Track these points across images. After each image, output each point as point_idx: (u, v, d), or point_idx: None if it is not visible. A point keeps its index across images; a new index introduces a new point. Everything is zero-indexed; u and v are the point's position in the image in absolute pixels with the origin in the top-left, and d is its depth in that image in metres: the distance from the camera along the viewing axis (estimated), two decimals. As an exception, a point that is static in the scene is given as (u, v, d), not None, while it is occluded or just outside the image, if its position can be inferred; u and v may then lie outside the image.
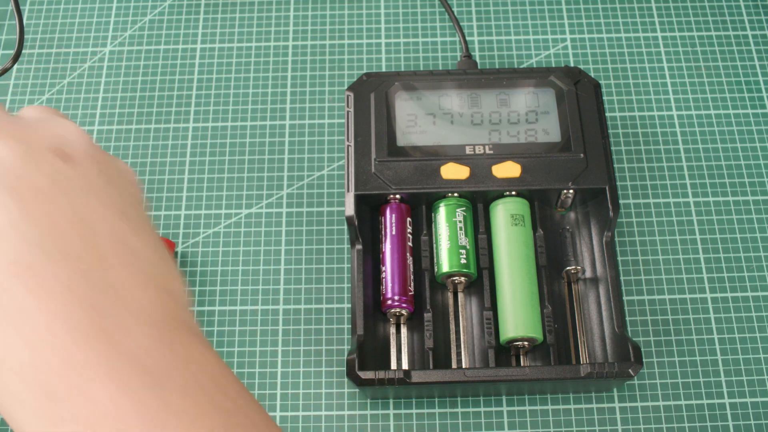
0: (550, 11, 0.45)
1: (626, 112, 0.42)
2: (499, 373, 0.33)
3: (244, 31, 0.45)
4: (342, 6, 0.45)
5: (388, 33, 0.44)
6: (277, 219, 0.40)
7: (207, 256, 0.39)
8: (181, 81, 0.43)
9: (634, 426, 0.35)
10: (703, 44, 0.44)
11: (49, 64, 0.44)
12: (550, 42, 0.44)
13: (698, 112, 0.42)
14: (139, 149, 0.42)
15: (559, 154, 0.36)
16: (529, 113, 0.37)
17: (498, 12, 0.45)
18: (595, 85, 0.38)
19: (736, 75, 0.43)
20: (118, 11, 0.46)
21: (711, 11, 0.45)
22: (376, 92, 0.38)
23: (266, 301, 0.38)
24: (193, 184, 0.41)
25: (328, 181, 0.41)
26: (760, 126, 0.42)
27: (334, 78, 0.43)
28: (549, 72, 0.38)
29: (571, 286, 0.36)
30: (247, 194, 0.40)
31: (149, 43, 0.45)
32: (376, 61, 0.44)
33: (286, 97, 0.43)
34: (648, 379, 0.36)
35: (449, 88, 0.38)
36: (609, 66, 0.43)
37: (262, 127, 0.42)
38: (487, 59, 0.44)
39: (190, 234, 0.40)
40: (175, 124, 0.42)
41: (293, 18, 0.45)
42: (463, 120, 0.37)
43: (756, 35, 0.44)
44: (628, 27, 0.44)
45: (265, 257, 0.39)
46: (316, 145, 0.41)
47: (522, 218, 0.36)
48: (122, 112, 0.43)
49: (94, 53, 0.44)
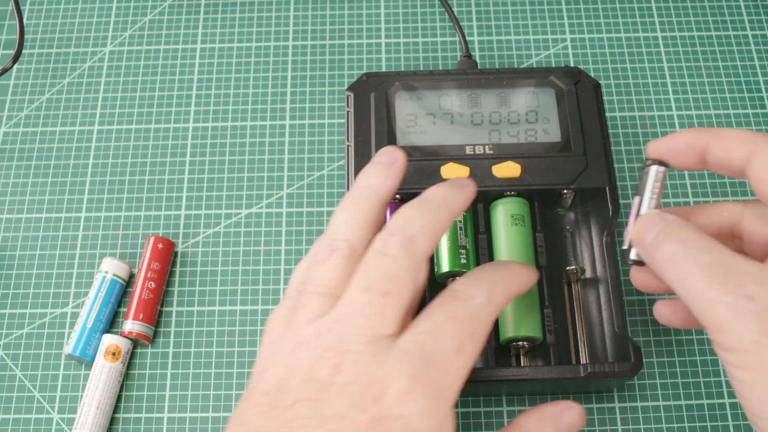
0: (550, 11, 0.45)
1: (626, 112, 0.42)
2: (498, 373, 0.33)
3: (244, 31, 0.45)
4: (342, 6, 0.45)
5: (388, 33, 0.44)
6: (277, 219, 0.40)
7: (207, 256, 0.39)
8: (181, 81, 0.43)
9: (634, 426, 0.35)
10: (703, 44, 0.44)
11: (49, 64, 0.44)
12: (550, 42, 0.44)
13: (698, 112, 0.42)
14: (139, 149, 0.42)
15: (559, 154, 0.36)
16: (529, 113, 0.37)
17: (498, 12, 0.45)
18: (595, 85, 0.38)
19: (736, 75, 0.43)
20: (118, 11, 0.46)
21: (711, 11, 0.45)
22: (376, 92, 0.38)
23: (266, 301, 0.38)
24: (193, 184, 0.41)
25: (328, 181, 0.41)
26: (760, 126, 0.42)
27: (334, 78, 0.43)
28: (549, 72, 0.38)
29: (571, 286, 0.36)
30: (247, 194, 0.40)
31: (149, 43, 0.45)
32: (376, 61, 0.44)
33: (286, 97, 0.43)
34: (648, 379, 0.36)
35: (449, 88, 0.38)
36: (609, 66, 0.43)
37: (262, 127, 0.42)
38: (487, 59, 0.44)
39: (190, 234, 0.40)
40: (175, 124, 0.42)
41: (293, 18, 0.45)
42: (463, 120, 0.37)
43: (756, 35, 0.44)
44: (628, 27, 0.44)
45: (265, 257, 0.39)
46: (316, 145, 0.41)
47: (522, 218, 0.36)
48: (122, 112, 0.43)
49: (94, 53, 0.45)
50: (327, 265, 0.27)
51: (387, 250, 0.27)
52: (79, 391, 0.36)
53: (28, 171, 0.41)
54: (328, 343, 0.25)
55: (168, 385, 0.36)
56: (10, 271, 0.39)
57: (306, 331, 0.26)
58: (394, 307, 0.26)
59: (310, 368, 0.25)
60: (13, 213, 0.40)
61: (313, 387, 0.24)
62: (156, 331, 0.37)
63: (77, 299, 0.38)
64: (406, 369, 0.24)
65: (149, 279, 0.37)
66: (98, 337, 0.36)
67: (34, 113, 0.43)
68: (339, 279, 0.27)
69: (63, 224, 0.40)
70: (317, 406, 0.24)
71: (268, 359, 0.27)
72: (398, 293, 0.26)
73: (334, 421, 0.23)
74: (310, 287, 0.27)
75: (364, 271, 0.26)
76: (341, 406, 0.24)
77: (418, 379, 0.24)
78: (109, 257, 0.38)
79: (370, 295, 0.26)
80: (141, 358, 0.37)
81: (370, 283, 0.26)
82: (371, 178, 0.30)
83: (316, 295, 0.27)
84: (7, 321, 0.38)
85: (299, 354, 0.25)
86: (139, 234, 0.39)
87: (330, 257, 0.27)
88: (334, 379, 0.24)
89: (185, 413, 0.36)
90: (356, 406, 0.24)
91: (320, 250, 0.28)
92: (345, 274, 0.27)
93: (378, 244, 0.27)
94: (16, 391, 0.36)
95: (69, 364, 0.37)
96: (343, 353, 0.25)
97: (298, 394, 0.24)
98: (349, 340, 0.25)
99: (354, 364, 0.24)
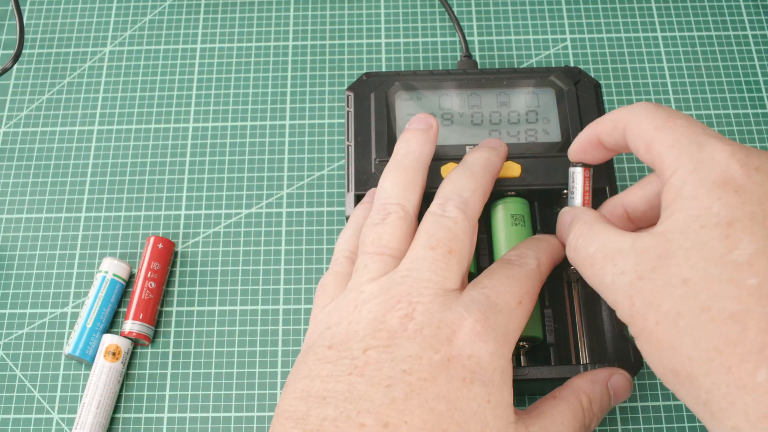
0: (550, 11, 0.45)
1: (626, 112, 0.42)
2: (499, 373, 0.33)
3: (244, 31, 0.45)
4: (342, 6, 0.45)
5: (388, 33, 0.44)
6: (277, 219, 0.40)
7: (207, 256, 0.39)
8: (181, 81, 0.43)
9: (634, 426, 0.35)
10: (703, 44, 0.44)
11: (49, 64, 0.44)
12: (550, 42, 0.44)
13: (698, 112, 0.42)
14: (139, 149, 0.42)
15: (559, 154, 0.36)
16: (529, 113, 0.37)
17: (498, 12, 0.45)
18: (595, 85, 0.38)
19: (736, 75, 0.43)
20: (118, 11, 0.46)
21: (711, 11, 0.45)
22: (376, 92, 0.38)
23: (266, 301, 0.38)
24: (193, 184, 0.41)
25: (328, 181, 0.41)
26: (760, 126, 0.42)
27: (334, 78, 0.43)
28: (549, 72, 0.38)
29: (571, 286, 0.36)
30: (247, 194, 0.40)
31: (149, 43, 0.45)
32: (376, 61, 0.44)
33: (286, 97, 0.43)
34: (648, 379, 0.36)
35: (449, 88, 0.38)
36: (609, 66, 0.43)
37: (262, 127, 0.42)
38: (487, 59, 0.44)
39: (190, 234, 0.40)
40: (175, 124, 0.42)
41: (293, 18, 0.45)
42: (463, 120, 0.37)
43: (756, 35, 0.44)
44: (628, 27, 0.44)
45: (265, 257, 0.39)
46: (316, 145, 0.41)
47: (522, 218, 0.36)
48: (122, 112, 0.43)
49: (94, 53, 0.45)
50: (384, 227, 0.29)
51: (446, 212, 0.29)
52: (79, 391, 0.36)
53: (28, 171, 0.41)
54: (398, 296, 0.27)
55: (168, 385, 0.36)
56: (10, 271, 0.39)
57: (370, 288, 0.27)
58: (457, 263, 0.28)
59: (380, 320, 0.26)
60: (13, 213, 0.40)
61: (384, 335, 0.26)
62: (156, 331, 0.37)
63: (77, 299, 0.38)
64: (475, 313, 0.26)
65: (149, 279, 0.37)
66: (98, 337, 0.36)
67: (34, 113, 0.43)
68: (398, 240, 0.29)
69: (63, 224, 0.40)
70: (390, 350, 0.25)
71: (329, 317, 0.28)
72: (460, 251, 0.28)
73: (408, 361, 0.25)
74: (369, 248, 0.29)
75: (428, 232, 0.28)
76: (414, 348, 0.25)
77: (487, 323, 0.26)
78: (109, 257, 0.38)
79: (436, 253, 0.28)
80: (141, 358, 0.37)
81: (435, 242, 0.28)
82: (411, 145, 0.32)
83: (376, 256, 0.29)
84: (7, 321, 0.38)
85: (365, 308, 0.27)
86: (139, 234, 0.39)
87: (385, 219, 0.29)
88: (406, 326, 0.26)
89: (185, 413, 0.36)
90: (430, 347, 0.25)
91: (373, 214, 0.30)
92: (403, 234, 0.29)
93: (436, 208, 0.29)
94: (16, 391, 0.36)
95: (69, 364, 0.37)
96: (414, 303, 0.26)
97: (368, 343, 0.26)
98: (419, 292, 0.27)
99: (425, 312, 0.26)
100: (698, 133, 0.25)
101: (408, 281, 0.27)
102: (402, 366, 0.25)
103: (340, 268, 0.31)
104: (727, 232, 0.22)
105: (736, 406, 0.21)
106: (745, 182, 0.23)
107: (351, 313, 0.27)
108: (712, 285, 0.22)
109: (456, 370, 0.25)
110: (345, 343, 0.26)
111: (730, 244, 0.22)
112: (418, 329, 0.26)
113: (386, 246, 0.29)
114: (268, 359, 0.37)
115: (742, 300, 0.21)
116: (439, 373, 0.25)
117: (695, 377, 0.22)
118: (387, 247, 0.29)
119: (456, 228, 0.28)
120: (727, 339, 0.21)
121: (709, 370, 0.22)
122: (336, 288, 0.30)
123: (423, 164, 0.32)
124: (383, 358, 0.25)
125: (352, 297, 0.28)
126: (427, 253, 0.28)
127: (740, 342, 0.21)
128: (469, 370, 0.25)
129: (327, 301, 0.29)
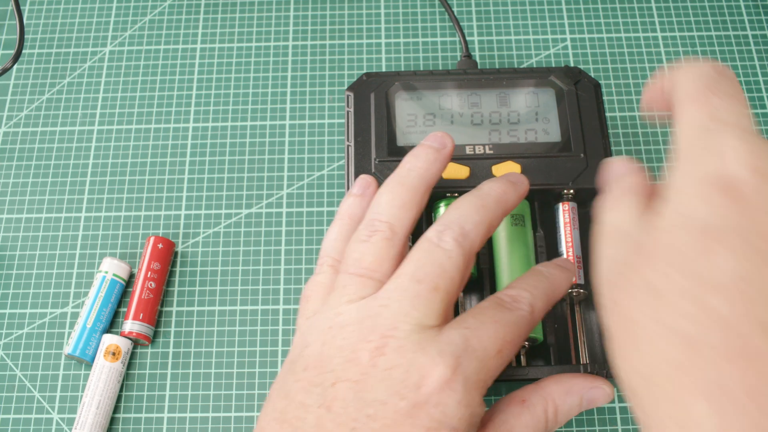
0: (550, 11, 0.45)
1: (626, 112, 0.42)
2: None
3: (244, 31, 0.45)
4: (342, 6, 0.45)
5: (388, 33, 0.44)
6: (277, 219, 0.40)
7: (207, 256, 0.39)
8: (181, 81, 0.43)
9: (634, 426, 0.35)
10: (703, 44, 0.44)
11: (49, 64, 0.44)
12: (550, 42, 0.44)
13: (698, 112, 0.42)
14: (139, 149, 0.42)
15: (559, 154, 0.36)
16: (529, 113, 0.37)
17: (498, 12, 0.45)
18: (595, 85, 0.38)
19: (736, 75, 0.43)
20: (118, 11, 0.46)
21: (711, 11, 0.45)
22: (376, 92, 0.38)
23: (266, 301, 0.38)
24: (193, 184, 0.41)
25: (328, 181, 0.41)
26: (760, 126, 0.42)
27: (334, 78, 0.43)
28: (549, 72, 0.38)
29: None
30: (247, 194, 0.40)
31: (149, 43, 0.45)
32: (376, 61, 0.44)
33: (286, 97, 0.43)
34: (648, 379, 0.36)
35: (449, 88, 0.38)
36: (609, 66, 0.43)
37: (262, 127, 0.42)
38: (487, 59, 0.44)
39: (190, 234, 0.40)
40: (175, 124, 0.42)
41: (293, 18, 0.45)
42: (463, 120, 0.37)
43: (756, 35, 0.44)
44: (628, 27, 0.44)
45: (265, 257, 0.39)
46: (316, 145, 0.41)
47: (522, 218, 0.36)
48: (122, 112, 0.43)
49: (94, 53, 0.45)
50: (367, 246, 0.28)
51: (442, 243, 0.27)
52: (79, 391, 0.36)
53: (28, 171, 0.41)
54: (372, 326, 0.26)
55: (168, 385, 0.36)
56: (10, 271, 0.39)
57: (348, 311, 0.27)
58: (441, 301, 0.26)
59: (352, 349, 0.25)
60: (13, 213, 0.40)
61: (354, 368, 0.25)
62: (156, 331, 0.37)
63: (77, 299, 0.38)
64: (448, 359, 0.25)
65: (149, 279, 0.37)
66: (98, 337, 0.36)
67: (34, 113, 0.43)
68: (379, 261, 0.28)
69: (63, 224, 0.40)
70: (358, 389, 0.25)
71: (307, 334, 0.27)
72: (446, 288, 0.26)
73: (373, 405, 0.24)
74: (350, 268, 0.28)
75: (417, 261, 0.27)
76: (382, 391, 0.24)
77: (459, 370, 0.25)
78: (109, 257, 0.38)
79: (421, 288, 0.26)
80: (141, 358, 0.37)
81: (422, 275, 0.26)
82: (419, 161, 0.30)
83: (357, 277, 0.27)
84: (7, 321, 0.38)
85: (340, 333, 0.26)
86: (139, 234, 0.39)
87: (370, 238, 0.28)
88: (376, 362, 0.25)
89: (185, 413, 0.36)
90: (396, 393, 0.24)
91: (362, 228, 0.29)
92: (388, 256, 0.28)
93: (433, 235, 0.27)
94: (16, 391, 0.36)
95: (69, 364, 0.37)
96: (387, 338, 0.25)
97: (339, 374, 0.25)
98: (394, 326, 0.26)
99: (397, 349, 0.25)
100: (720, 119, 0.21)
101: (385, 312, 0.26)
102: (367, 410, 0.24)
103: (322, 278, 0.30)
104: (708, 243, 0.19)
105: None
106: (748, 190, 0.19)
107: (326, 334, 0.26)
108: (677, 299, 0.19)
109: (421, 419, 0.24)
110: (318, 368, 0.26)
111: (708, 259, 0.19)
112: (388, 369, 0.25)
113: (367, 268, 0.27)
114: (268, 359, 0.37)
115: (703, 324, 0.18)
116: (404, 420, 0.24)
117: (640, 395, 0.20)
118: (368, 269, 0.27)
119: (448, 263, 0.27)
120: (678, 363, 0.19)
121: (652, 392, 0.20)
122: (317, 301, 0.29)
123: (426, 184, 0.30)
124: (350, 396, 0.25)
125: (330, 317, 0.27)
126: (411, 285, 0.26)
127: (689, 370, 0.18)
128: (434, 419, 0.24)
129: (310, 313, 0.29)
